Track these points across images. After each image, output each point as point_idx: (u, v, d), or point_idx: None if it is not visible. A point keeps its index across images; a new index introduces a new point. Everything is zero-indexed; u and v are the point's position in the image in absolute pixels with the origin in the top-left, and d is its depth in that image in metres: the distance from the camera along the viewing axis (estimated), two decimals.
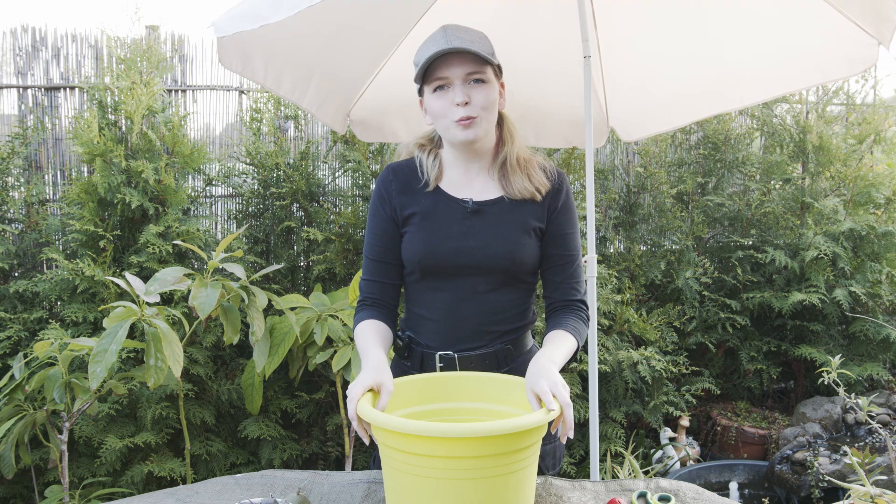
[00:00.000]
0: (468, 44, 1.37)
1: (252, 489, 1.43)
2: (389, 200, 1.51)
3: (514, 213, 1.48)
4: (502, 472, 1.11)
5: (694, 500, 1.38)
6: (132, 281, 2.05)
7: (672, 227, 3.85)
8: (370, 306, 1.52)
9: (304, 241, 3.22)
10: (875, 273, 3.78)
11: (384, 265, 1.52)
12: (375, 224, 1.53)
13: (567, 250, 1.51)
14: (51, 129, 3.07)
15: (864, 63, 1.98)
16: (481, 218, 1.47)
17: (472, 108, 1.40)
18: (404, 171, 1.54)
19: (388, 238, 1.52)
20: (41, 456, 2.67)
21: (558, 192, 1.51)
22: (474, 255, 1.45)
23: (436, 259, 1.46)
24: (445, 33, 1.40)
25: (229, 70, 1.95)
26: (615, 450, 3.32)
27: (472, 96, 1.40)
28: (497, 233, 1.46)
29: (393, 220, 1.51)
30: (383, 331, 1.47)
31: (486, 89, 1.40)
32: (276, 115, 3.28)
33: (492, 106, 1.42)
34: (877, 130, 3.91)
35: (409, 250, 1.49)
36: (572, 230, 1.52)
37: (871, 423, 2.18)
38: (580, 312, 1.50)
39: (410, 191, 1.51)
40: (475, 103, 1.40)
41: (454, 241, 1.46)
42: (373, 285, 1.53)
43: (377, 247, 1.52)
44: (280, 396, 3.04)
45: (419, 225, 1.48)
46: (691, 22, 2.19)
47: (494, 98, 1.43)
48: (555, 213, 1.50)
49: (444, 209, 1.49)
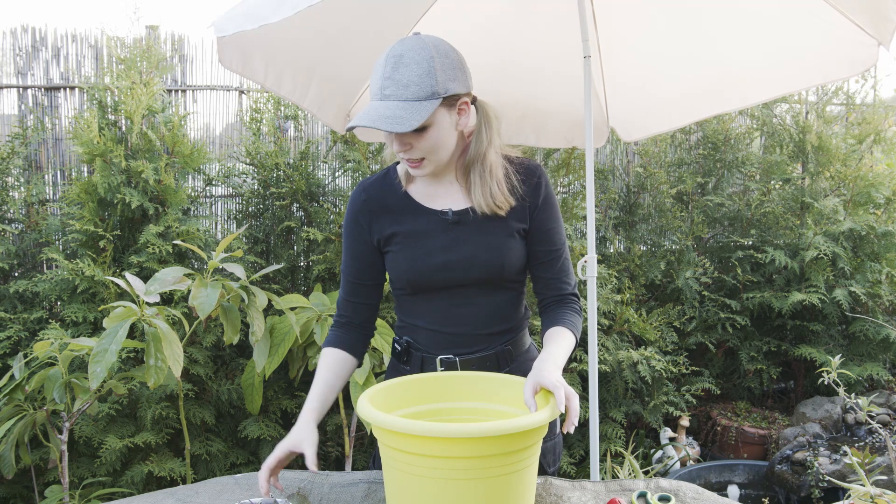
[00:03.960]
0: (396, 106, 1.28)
1: (252, 489, 1.43)
2: (365, 223, 1.48)
3: (496, 218, 1.44)
4: (503, 473, 1.11)
5: (694, 500, 1.38)
6: (132, 281, 2.05)
7: (672, 227, 3.85)
8: (341, 327, 1.52)
9: (304, 241, 3.22)
10: (875, 273, 3.78)
11: (359, 286, 1.51)
12: (350, 245, 1.51)
13: (553, 245, 1.49)
14: (51, 129, 3.07)
15: (864, 63, 1.98)
16: (463, 228, 1.44)
17: (415, 152, 1.36)
18: (377, 188, 1.50)
19: (362, 260, 1.50)
20: (41, 456, 2.67)
21: (537, 189, 1.47)
22: (461, 268, 1.43)
23: (423, 275, 1.44)
24: (382, 82, 1.30)
25: (229, 70, 1.95)
26: (615, 450, 3.32)
27: (413, 143, 1.35)
28: (481, 241, 1.44)
29: (367, 244, 1.49)
30: (339, 364, 1.48)
31: (428, 134, 1.33)
32: (276, 115, 3.28)
33: (438, 146, 1.36)
34: (876, 130, 3.91)
35: (395, 270, 1.47)
36: (555, 224, 1.49)
37: (871, 423, 2.18)
38: (573, 305, 1.49)
39: (387, 210, 1.47)
40: (417, 148, 1.35)
41: (439, 256, 1.43)
42: (347, 305, 1.52)
43: (352, 267, 1.51)
44: (280, 396, 3.04)
45: (402, 244, 1.45)
46: (691, 22, 2.19)
47: (440, 137, 1.35)
48: (536, 210, 1.47)
49: (425, 224, 1.45)
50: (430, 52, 1.31)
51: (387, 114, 1.28)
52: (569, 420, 1.19)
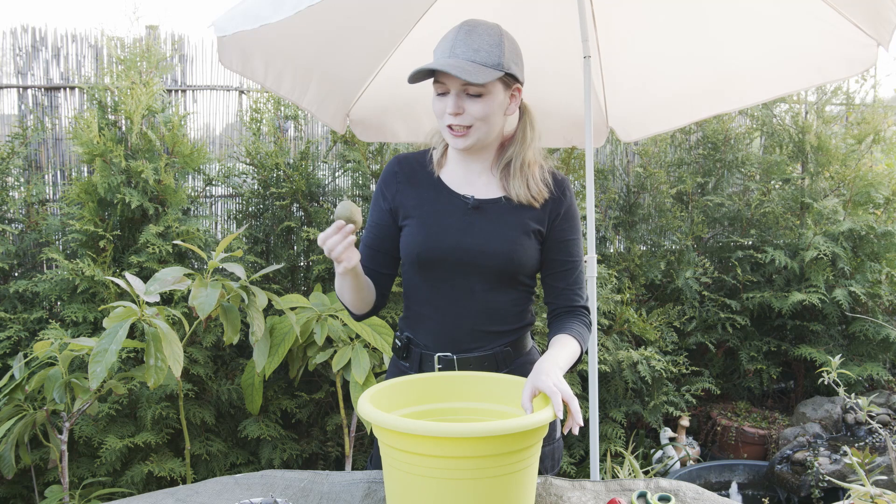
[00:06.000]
0: (465, 62, 1.35)
1: (252, 489, 1.43)
2: (391, 192, 1.53)
3: (515, 214, 1.48)
4: (503, 472, 1.11)
5: (694, 500, 1.38)
6: (132, 281, 2.05)
7: (672, 227, 3.85)
8: None
9: (304, 241, 3.22)
10: (875, 273, 3.78)
11: (377, 253, 1.55)
12: (374, 213, 1.57)
13: (569, 256, 1.51)
14: (51, 129, 3.07)
15: (864, 64, 1.98)
16: (481, 215, 1.48)
17: (464, 118, 1.40)
18: (410, 163, 1.55)
19: (384, 228, 1.54)
20: (41, 456, 2.67)
21: (561, 200, 1.51)
22: (472, 252, 1.45)
23: (434, 253, 1.47)
24: (453, 41, 1.38)
25: (229, 70, 1.95)
26: (615, 450, 3.32)
27: (466, 108, 1.39)
28: (496, 231, 1.46)
29: (390, 213, 1.53)
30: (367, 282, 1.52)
31: (483, 102, 1.39)
32: (276, 115, 3.28)
33: (489, 116, 1.41)
34: (876, 130, 3.91)
35: (408, 243, 1.50)
36: (575, 237, 1.52)
37: (871, 423, 2.18)
38: (583, 318, 1.50)
39: (414, 182, 1.53)
40: (469, 114, 1.39)
41: (453, 236, 1.46)
42: (365, 272, 1.54)
43: (372, 235, 1.56)
44: (280, 396, 3.04)
45: (419, 218, 1.49)
46: (691, 22, 2.19)
47: (493, 109, 1.40)
48: (557, 219, 1.50)
49: (445, 204, 1.49)
50: (501, 31, 1.42)
51: (457, 65, 1.34)
52: (571, 421, 1.19)
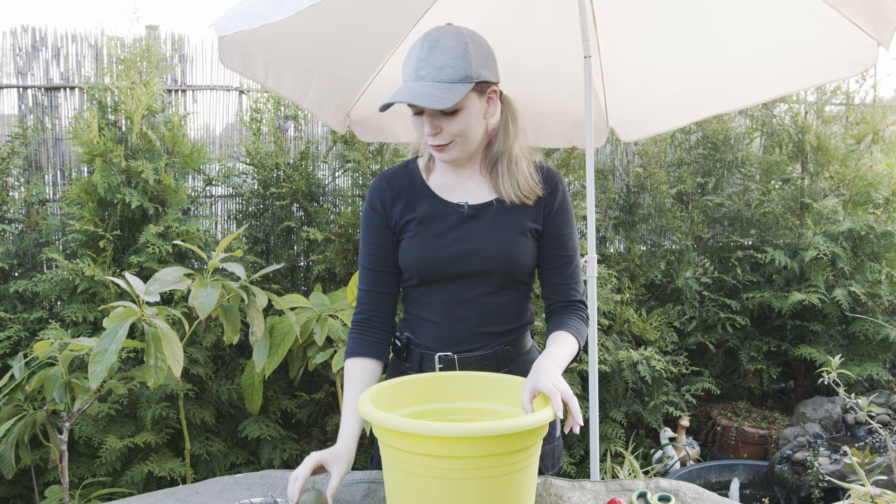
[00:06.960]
0: (431, 86, 1.32)
1: (252, 489, 1.43)
2: (384, 209, 1.50)
3: (510, 215, 1.47)
4: (503, 472, 1.11)
5: (694, 500, 1.38)
6: (132, 281, 2.05)
7: (672, 227, 3.85)
8: (362, 326, 1.50)
9: (304, 241, 3.22)
10: (874, 273, 3.78)
11: (381, 274, 1.51)
12: (371, 233, 1.52)
13: (565, 251, 1.51)
14: (51, 129, 3.07)
15: (864, 64, 1.98)
16: (477, 221, 1.47)
17: (443, 137, 1.39)
18: (397, 178, 1.52)
19: (385, 246, 1.50)
20: (41, 456, 2.67)
21: (553, 194, 1.50)
22: (472, 260, 1.45)
23: (434, 265, 1.46)
24: (417, 62, 1.35)
25: (230, 69, 1.95)
26: (615, 450, 3.32)
27: (443, 126, 1.38)
28: (493, 236, 1.46)
29: (389, 228, 1.50)
30: (367, 375, 1.46)
31: (459, 118, 1.37)
32: (276, 115, 3.28)
33: (467, 130, 1.39)
34: (875, 130, 3.91)
35: (407, 257, 1.48)
36: (569, 231, 1.52)
37: (871, 423, 2.18)
38: (580, 312, 1.50)
39: (405, 198, 1.50)
40: (447, 131, 1.38)
41: (451, 247, 1.45)
42: (370, 296, 1.52)
43: (374, 256, 1.51)
44: (280, 396, 3.04)
45: (416, 231, 1.47)
46: (691, 22, 2.19)
47: (470, 122, 1.38)
48: (551, 214, 1.49)
49: (440, 215, 1.48)
50: (465, 39, 1.37)
51: (422, 92, 1.32)
52: (572, 420, 1.18)
